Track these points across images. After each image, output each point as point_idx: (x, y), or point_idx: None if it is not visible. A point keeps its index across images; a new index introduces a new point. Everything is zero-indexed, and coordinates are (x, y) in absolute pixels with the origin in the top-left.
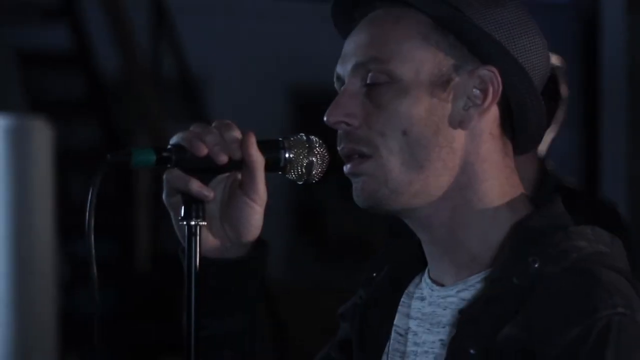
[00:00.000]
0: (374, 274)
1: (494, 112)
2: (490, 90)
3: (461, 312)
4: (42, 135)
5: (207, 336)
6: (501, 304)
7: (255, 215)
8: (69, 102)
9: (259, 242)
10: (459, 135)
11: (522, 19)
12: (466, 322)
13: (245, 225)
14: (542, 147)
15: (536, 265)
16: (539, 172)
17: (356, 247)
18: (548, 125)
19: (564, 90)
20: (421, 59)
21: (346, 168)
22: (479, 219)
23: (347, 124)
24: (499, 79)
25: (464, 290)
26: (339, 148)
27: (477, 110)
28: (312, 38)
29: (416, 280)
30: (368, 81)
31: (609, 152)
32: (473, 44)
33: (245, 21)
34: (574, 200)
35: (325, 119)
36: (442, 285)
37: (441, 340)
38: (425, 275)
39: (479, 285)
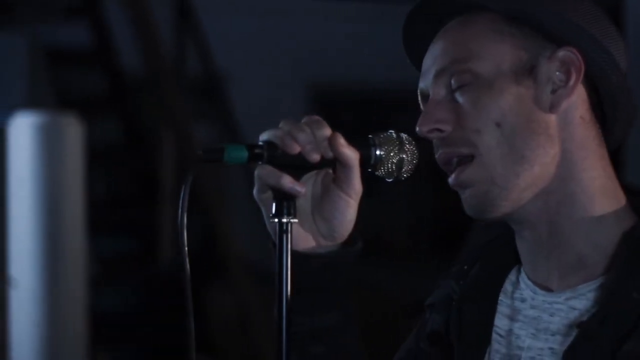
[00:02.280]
0: (466, 267)
1: (581, 94)
2: (573, 70)
3: (579, 325)
4: (73, 131)
5: (298, 332)
6: (621, 318)
7: (349, 210)
8: (92, 100)
9: (352, 237)
10: (552, 121)
11: (595, 7)
12: (584, 335)
13: (339, 220)
14: None
15: None
16: None
17: (377, 247)
18: None
19: None
20: (499, 52)
21: (451, 179)
22: (584, 215)
23: (440, 131)
24: (580, 57)
25: (573, 299)
26: (436, 156)
27: (565, 92)
28: (334, 37)
29: (511, 277)
30: (453, 86)
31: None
32: (548, 30)
33: (267, 19)
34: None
35: (417, 130)
36: (543, 287)
37: (551, 348)
38: (523, 275)
39: (590, 295)
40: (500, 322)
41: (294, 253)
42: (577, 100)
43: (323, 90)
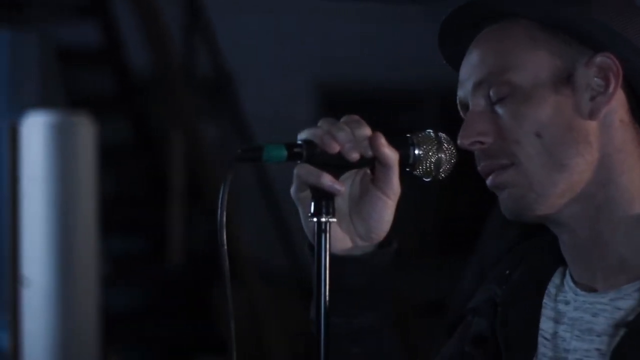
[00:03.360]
0: (507, 272)
1: (621, 98)
2: (611, 75)
3: (628, 325)
4: (86, 131)
5: (335, 333)
6: None
7: (387, 210)
8: (102, 99)
9: (388, 238)
10: (592, 128)
11: (630, 6)
12: (632, 335)
13: (377, 220)
14: None
15: None
16: None
17: None
18: None
19: None
20: (535, 62)
21: (489, 181)
22: (624, 218)
23: (482, 143)
24: (617, 62)
25: (618, 299)
26: (479, 168)
27: (604, 98)
28: (343, 36)
29: (555, 280)
30: (492, 99)
31: None
32: (584, 36)
33: (276, 18)
34: None
35: (458, 142)
36: (587, 289)
37: (598, 349)
38: (568, 278)
39: (636, 295)
40: (546, 325)
41: (332, 257)
42: (617, 105)
43: (332, 89)
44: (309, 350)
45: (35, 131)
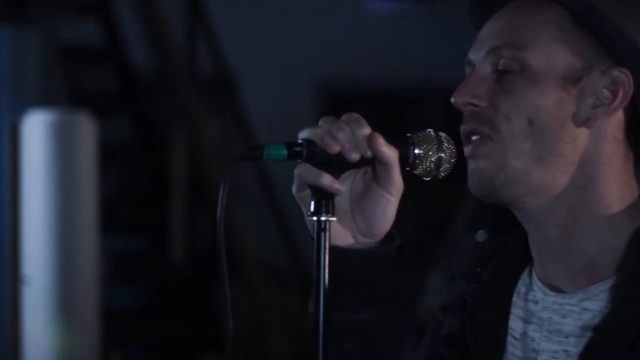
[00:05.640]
0: (478, 269)
1: (619, 116)
2: (621, 92)
3: (594, 329)
4: (87, 129)
5: (335, 329)
6: (635, 320)
7: (390, 207)
8: (104, 97)
9: (390, 234)
10: (583, 134)
11: None
12: (599, 338)
13: (379, 217)
14: None
15: None
16: None
17: None
18: None
19: None
20: (556, 51)
21: (466, 150)
22: (596, 222)
23: (475, 105)
24: (632, 82)
25: (586, 300)
26: (461, 128)
27: (605, 111)
28: (344, 34)
29: (525, 279)
30: (499, 67)
31: None
32: (610, 44)
33: (278, 16)
34: None
35: (452, 100)
36: (554, 288)
37: (566, 351)
38: (535, 276)
39: (603, 296)
40: (515, 324)
41: (332, 247)
42: (615, 121)
43: (333, 87)
44: (310, 346)
45: (36, 130)
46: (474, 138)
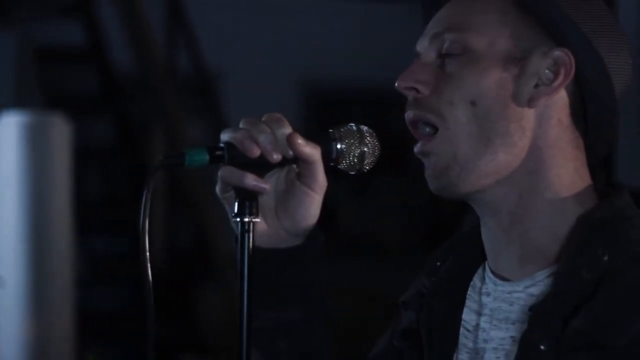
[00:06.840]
0: (438, 263)
1: (563, 98)
2: (562, 71)
3: (531, 308)
4: (60, 131)
5: (261, 328)
6: (571, 298)
7: (314, 205)
8: (84, 98)
9: (314, 231)
10: (528, 115)
11: (608, 19)
12: (536, 318)
13: (303, 215)
14: None
15: (605, 258)
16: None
17: (370, 246)
18: None
19: None
20: (497, 33)
21: (416, 148)
22: (545, 207)
23: (417, 91)
24: (572, 61)
25: (531, 286)
26: (405, 114)
27: (547, 90)
28: (327, 34)
29: (480, 272)
30: (443, 51)
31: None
32: (552, 26)
33: (260, 17)
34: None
35: (396, 84)
36: (505, 279)
37: (512, 337)
38: (487, 270)
39: (547, 281)
40: (468, 317)
41: (257, 249)
42: (559, 103)
43: (316, 87)
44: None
45: (10, 131)
46: (420, 124)
